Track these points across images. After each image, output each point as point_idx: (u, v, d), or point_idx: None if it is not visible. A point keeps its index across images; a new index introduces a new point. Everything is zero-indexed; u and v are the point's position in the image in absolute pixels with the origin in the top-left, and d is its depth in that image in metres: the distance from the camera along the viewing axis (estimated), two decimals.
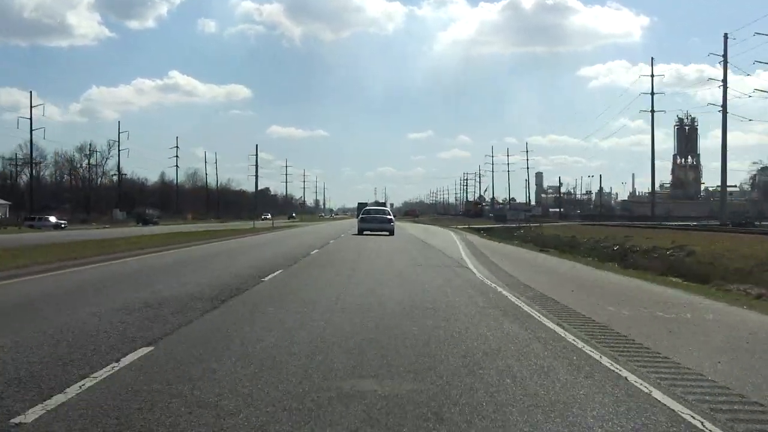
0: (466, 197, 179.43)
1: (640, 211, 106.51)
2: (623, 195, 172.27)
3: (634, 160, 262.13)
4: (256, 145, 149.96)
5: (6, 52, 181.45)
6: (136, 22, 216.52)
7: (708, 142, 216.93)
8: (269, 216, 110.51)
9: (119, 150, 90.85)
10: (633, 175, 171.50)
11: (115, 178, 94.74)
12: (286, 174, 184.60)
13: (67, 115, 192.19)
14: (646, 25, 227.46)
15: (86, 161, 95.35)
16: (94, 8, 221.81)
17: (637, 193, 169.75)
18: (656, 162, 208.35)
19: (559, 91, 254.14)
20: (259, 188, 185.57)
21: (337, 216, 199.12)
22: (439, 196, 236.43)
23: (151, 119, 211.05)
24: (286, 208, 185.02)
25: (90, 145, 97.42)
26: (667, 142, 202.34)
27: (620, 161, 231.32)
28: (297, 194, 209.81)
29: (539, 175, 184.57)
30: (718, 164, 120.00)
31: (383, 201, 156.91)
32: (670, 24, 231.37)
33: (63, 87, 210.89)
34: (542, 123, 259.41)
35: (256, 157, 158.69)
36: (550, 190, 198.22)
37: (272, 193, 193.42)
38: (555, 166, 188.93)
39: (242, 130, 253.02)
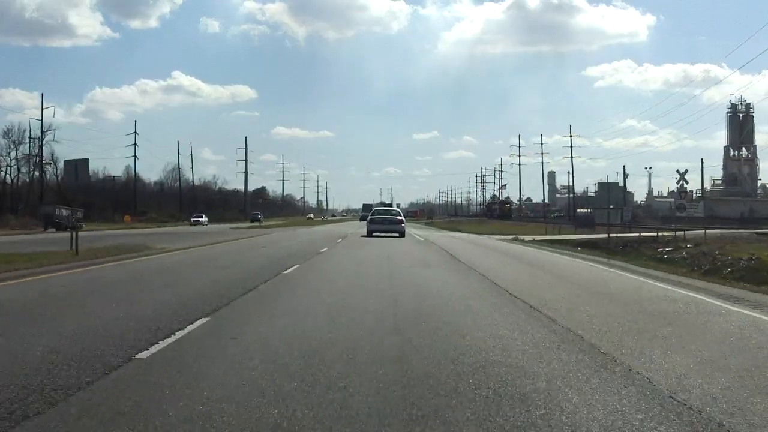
0: (485, 196, 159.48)
1: (724, 211, 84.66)
2: (640, 195, 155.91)
3: (641, 161, 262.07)
4: (246, 138, 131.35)
5: (8, 52, 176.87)
6: (139, 22, 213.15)
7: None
8: (202, 219, 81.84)
9: (42, 131, 70.02)
10: (650, 174, 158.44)
11: (56, 172, 74.16)
12: (283, 171, 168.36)
13: (71, 117, 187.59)
14: (652, 25, 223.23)
15: (14, 150, 74.66)
16: (96, 8, 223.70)
17: (655, 193, 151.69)
18: (664, 164, 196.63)
19: (565, 91, 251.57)
20: (256, 188, 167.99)
21: (334, 218, 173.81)
22: (449, 196, 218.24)
23: (155, 120, 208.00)
24: (285, 208, 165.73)
25: (19, 127, 76.66)
26: (674, 144, 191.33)
27: (626, 162, 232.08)
28: (304, 195, 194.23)
29: (551, 174, 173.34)
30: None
31: (389, 202, 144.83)
32: (676, 23, 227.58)
33: (66, 88, 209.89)
34: (547, 123, 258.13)
35: (246, 151, 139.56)
36: (564, 190, 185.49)
37: (271, 192, 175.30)
38: (561, 167, 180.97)
39: (247, 131, 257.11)
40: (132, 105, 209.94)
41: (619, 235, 32.62)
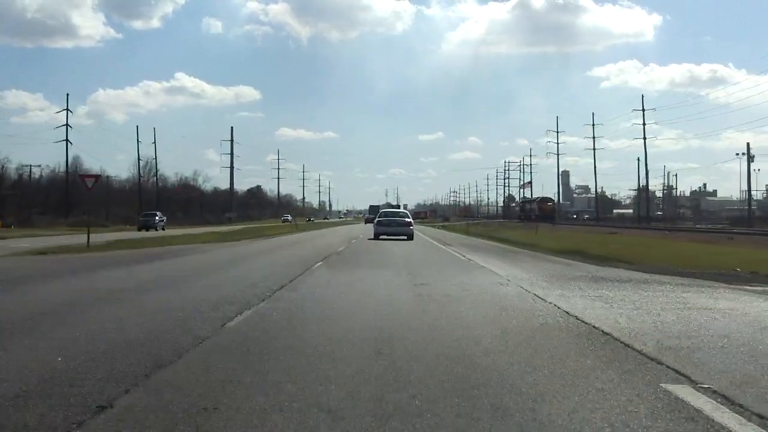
0: (507, 194, 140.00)
1: None
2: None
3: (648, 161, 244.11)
4: (231, 128, 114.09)
5: (10, 53, 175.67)
6: (141, 23, 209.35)
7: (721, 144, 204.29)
8: None
9: None
10: (668, 173, 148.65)
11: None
12: (278, 169, 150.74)
13: (74, 118, 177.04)
14: (658, 24, 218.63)
15: None
16: (98, 8, 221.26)
17: (679, 193, 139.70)
18: (666, 165, 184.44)
19: (570, 92, 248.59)
20: (250, 188, 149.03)
21: (327, 221, 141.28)
22: (460, 196, 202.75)
23: (159, 122, 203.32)
24: (282, 209, 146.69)
25: None
26: (679, 143, 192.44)
27: (632, 162, 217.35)
28: (308, 196, 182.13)
29: (565, 174, 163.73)
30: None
31: (396, 203, 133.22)
32: (683, 23, 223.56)
33: (69, 89, 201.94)
34: (553, 124, 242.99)
35: (231, 144, 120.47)
36: (579, 190, 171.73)
37: (269, 192, 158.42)
38: (568, 168, 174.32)
39: (252, 133, 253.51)
40: (135, 106, 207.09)
41: None
